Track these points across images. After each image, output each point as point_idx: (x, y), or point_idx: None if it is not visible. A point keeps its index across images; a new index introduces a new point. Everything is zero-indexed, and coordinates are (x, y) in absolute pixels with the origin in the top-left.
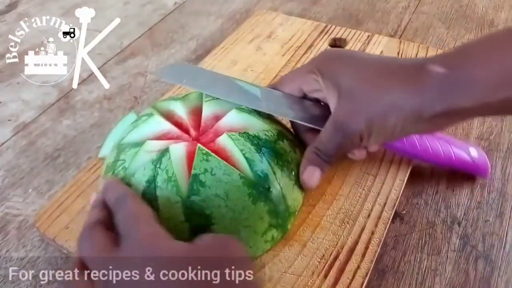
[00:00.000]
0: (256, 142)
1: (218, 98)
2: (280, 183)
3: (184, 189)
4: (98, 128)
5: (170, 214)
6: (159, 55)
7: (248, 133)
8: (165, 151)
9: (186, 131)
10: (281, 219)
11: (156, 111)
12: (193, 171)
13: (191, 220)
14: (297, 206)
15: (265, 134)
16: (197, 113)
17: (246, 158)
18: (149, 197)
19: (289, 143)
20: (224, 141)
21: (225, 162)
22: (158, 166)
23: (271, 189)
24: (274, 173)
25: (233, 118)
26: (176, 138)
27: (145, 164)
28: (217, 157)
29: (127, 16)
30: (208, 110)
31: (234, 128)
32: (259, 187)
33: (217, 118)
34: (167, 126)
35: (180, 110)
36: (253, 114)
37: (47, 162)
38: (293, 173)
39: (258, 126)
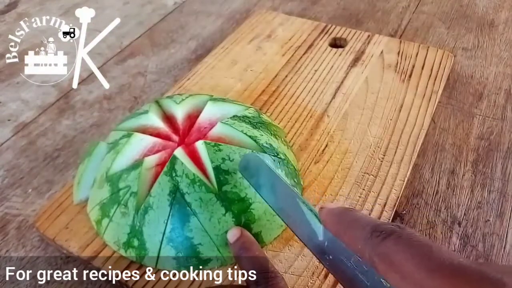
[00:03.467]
0: (248, 120)
1: (189, 96)
2: (280, 148)
3: (212, 184)
4: (98, 128)
5: (210, 212)
6: (159, 55)
7: (237, 115)
8: (173, 159)
9: (167, 138)
10: (296, 178)
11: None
12: (212, 165)
13: (232, 209)
14: (297, 166)
15: (248, 113)
16: (171, 119)
17: (250, 136)
18: (179, 206)
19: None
20: (219, 129)
21: (236, 146)
22: (174, 175)
23: (279, 155)
24: (274, 141)
25: (211, 110)
26: (164, 148)
27: (159, 179)
28: (226, 144)
29: (127, 16)
30: (180, 113)
31: (214, 119)
32: (271, 157)
33: (191, 116)
34: (150, 140)
35: (154, 119)
36: (227, 100)
37: (47, 162)
38: (282, 138)
39: (235, 109)
